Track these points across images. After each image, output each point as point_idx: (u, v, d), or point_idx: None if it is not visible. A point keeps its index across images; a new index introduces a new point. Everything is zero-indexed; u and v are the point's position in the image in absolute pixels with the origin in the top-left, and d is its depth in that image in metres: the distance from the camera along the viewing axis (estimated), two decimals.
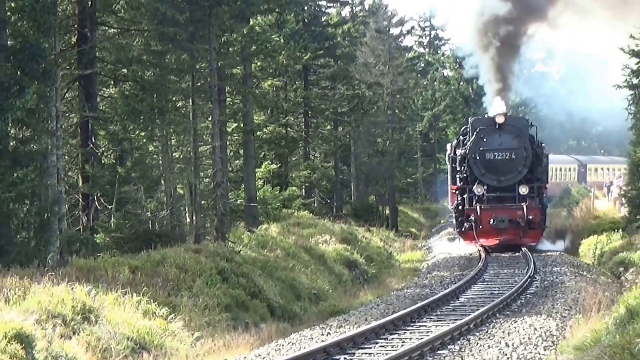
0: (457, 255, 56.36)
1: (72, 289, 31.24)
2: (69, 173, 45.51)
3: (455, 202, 59.02)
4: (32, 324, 27.63)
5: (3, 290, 30.58)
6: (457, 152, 57.51)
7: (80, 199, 47.75)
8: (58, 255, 39.26)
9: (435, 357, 27.71)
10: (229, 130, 56.60)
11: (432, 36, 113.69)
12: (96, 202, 48.52)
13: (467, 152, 52.43)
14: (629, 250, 45.82)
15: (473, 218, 50.78)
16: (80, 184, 47.95)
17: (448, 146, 74.14)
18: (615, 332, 20.87)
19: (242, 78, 56.83)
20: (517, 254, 56.19)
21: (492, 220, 50.35)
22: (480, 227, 50.82)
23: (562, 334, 28.75)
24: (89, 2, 45.45)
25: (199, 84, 51.31)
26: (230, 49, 52.87)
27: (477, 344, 29.57)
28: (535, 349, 27.63)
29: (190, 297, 35.43)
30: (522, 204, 49.37)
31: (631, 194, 64.08)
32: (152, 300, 33.21)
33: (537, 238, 52.72)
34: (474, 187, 51.13)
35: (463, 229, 54.91)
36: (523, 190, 49.15)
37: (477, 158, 50.24)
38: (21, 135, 41.71)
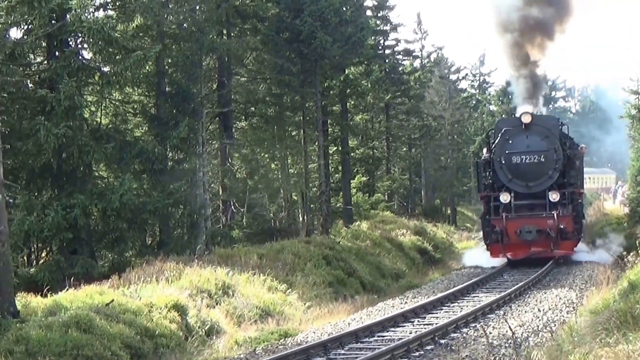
0: (489, 266, 43.37)
1: (215, 270, 31.73)
2: (212, 185, 45.50)
3: (483, 211, 45.57)
4: (185, 297, 27.94)
5: (164, 272, 30.97)
6: (481, 157, 44.88)
7: (220, 204, 47.80)
8: (204, 246, 39.34)
9: (486, 319, 27.85)
10: (331, 152, 56.46)
11: (481, 80, 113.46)
12: (232, 207, 48.60)
13: (492, 155, 39.94)
14: (631, 239, 45.09)
15: (498, 229, 38.43)
16: (220, 193, 47.93)
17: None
18: (620, 300, 20.77)
19: (340, 113, 56.67)
20: None
21: (518, 231, 38.07)
22: (507, 238, 38.45)
23: (580, 302, 29.21)
24: (226, 58, 45.38)
25: (308, 118, 51.23)
26: (331, 91, 52.86)
27: (517, 309, 30.06)
28: (560, 312, 28.17)
29: (303, 276, 35.61)
30: (553, 212, 36.66)
31: (632, 197, 63.78)
32: (274, 279, 33.61)
33: (570, 249, 39.43)
34: (500, 194, 38.56)
35: (489, 241, 41.60)
36: (554, 196, 36.50)
37: (503, 162, 38.36)
38: (177, 157, 41.84)
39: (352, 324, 27.28)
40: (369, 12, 55.95)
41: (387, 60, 64.08)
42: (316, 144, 51.73)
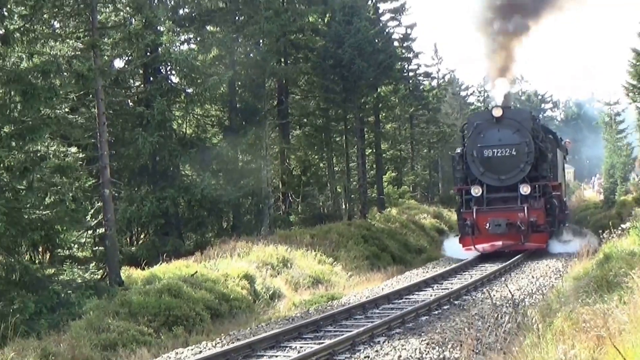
0: (464, 258, 36.51)
1: (276, 248, 31.92)
2: (274, 180, 45.47)
3: (458, 204, 39.00)
4: (253, 269, 28.09)
5: (237, 249, 31.24)
6: (456, 151, 38.62)
7: (280, 195, 47.79)
8: (268, 228, 39.32)
9: (490, 284, 27.39)
10: (367, 153, 56.16)
11: (485, 95, 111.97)
12: (289, 197, 48.64)
13: (465, 149, 34.43)
14: (605, 219, 44.68)
15: (469, 222, 32.89)
16: (280, 186, 47.93)
17: None
18: (597, 269, 20.53)
19: (374, 123, 56.46)
20: None
21: (488, 224, 32.58)
22: (478, 231, 32.97)
23: (566, 270, 28.86)
24: (283, 80, 45.44)
25: (348, 127, 51.01)
26: (366, 105, 52.48)
27: (515, 276, 29.50)
28: (550, 279, 27.85)
29: (345, 251, 35.57)
30: (524, 205, 31.55)
31: (605, 187, 63.52)
32: (323, 254, 33.73)
33: (542, 242, 33.21)
34: (471, 187, 33.03)
35: (460, 234, 35.78)
36: (525, 189, 31.33)
37: (475, 155, 32.65)
38: (245, 159, 41.87)
39: (384, 289, 27.21)
40: (396, 43, 55.64)
41: (410, 81, 63.67)
42: (355, 147, 51.58)
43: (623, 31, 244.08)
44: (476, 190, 32.23)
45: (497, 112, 31.59)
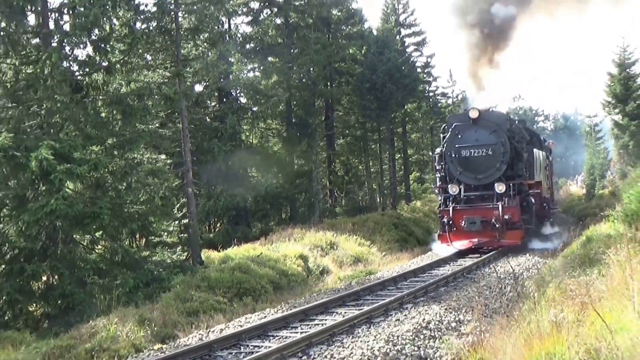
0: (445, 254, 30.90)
1: (325, 233, 32.00)
2: (322, 179, 45.35)
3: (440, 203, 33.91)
4: (306, 250, 28.18)
5: (293, 235, 31.56)
6: (436, 151, 33.40)
7: (327, 192, 47.70)
8: (318, 218, 39.17)
9: (496, 262, 26.12)
10: (396, 157, 55.96)
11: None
12: (335, 193, 48.54)
13: (444, 149, 30.17)
14: (587, 209, 44.13)
15: (446, 219, 28.67)
16: (327, 184, 47.83)
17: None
18: (581, 248, 20.30)
19: (402, 133, 56.30)
20: None
21: (463, 222, 28.44)
22: (455, 229, 28.66)
23: (558, 252, 27.75)
24: (329, 100, 45.37)
25: (382, 137, 50.87)
26: (395, 119, 52.35)
27: (516, 255, 27.83)
28: (543, 257, 26.65)
29: (380, 236, 35.44)
30: (499, 203, 27.53)
31: (587, 183, 63.08)
32: (362, 238, 33.58)
33: (517, 239, 28.55)
34: (449, 186, 29.11)
35: (439, 231, 30.48)
36: (500, 188, 27.43)
37: (454, 155, 28.94)
38: (300, 162, 41.82)
39: (411, 265, 26.98)
40: (418, 69, 55.38)
41: (430, 99, 63.28)
42: (387, 152, 51.44)
43: (602, 54, 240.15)
44: (454, 189, 27.72)
45: (474, 114, 27.35)
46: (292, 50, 40.02)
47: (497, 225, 26.21)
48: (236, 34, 38.49)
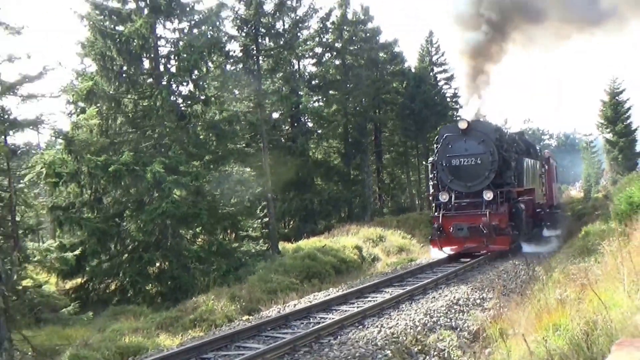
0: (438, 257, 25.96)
1: (375, 229, 31.61)
2: (373, 186, 45.09)
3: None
4: (361, 242, 28.05)
5: (350, 230, 31.47)
6: (429, 161, 28.01)
7: (377, 196, 47.43)
8: (369, 217, 38.92)
9: (513, 252, 23.98)
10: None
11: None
12: (382, 197, 48.27)
13: (436, 159, 25.12)
14: (584, 209, 43.14)
15: (436, 226, 23.80)
16: (377, 190, 47.59)
17: None
18: (580, 240, 19.88)
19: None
20: None
21: (451, 228, 23.55)
22: (445, 235, 23.78)
23: (563, 242, 26.77)
24: (378, 124, 45.23)
25: (419, 152, 50.50)
26: (430, 139, 51.84)
27: (529, 247, 25.98)
28: (553, 247, 25.55)
29: (419, 231, 34.75)
30: (486, 210, 23.00)
31: (584, 188, 62.11)
32: (405, 232, 32.98)
33: (505, 244, 23.58)
34: (439, 194, 24.31)
35: (431, 237, 25.16)
36: (488, 195, 23.02)
37: (445, 165, 24.19)
38: (355, 173, 41.60)
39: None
40: (448, 98, 54.78)
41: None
42: (424, 164, 51.17)
43: (597, 80, 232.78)
44: (444, 197, 23.05)
45: (463, 125, 23.07)
46: (347, 85, 39.98)
47: (484, 231, 21.46)
48: (304, 72, 38.65)
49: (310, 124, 38.91)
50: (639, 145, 51.74)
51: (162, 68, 23.14)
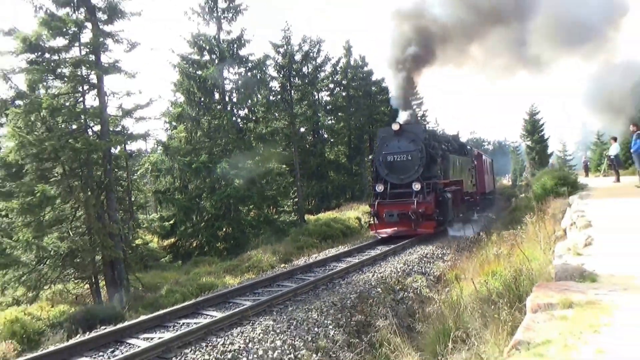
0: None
1: (368, 206, 30.40)
2: (368, 177, 44.44)
3: None
4: (360, 214, 26.80)
5: (353, 207, 30.17)
6: (370, 157, 26.65)
7: (371, 183, 46.68)
8: (365, 198, 38.23)
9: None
10: None
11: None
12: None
13: (375, 155, 20.83)
14: (512, 194, 42.22)
15: (372, 212, 19.42)
16: (370, 180, 46.90)
17: None
18: (510, 214, 19.52)
19: None
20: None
21: (384, 214, 19.00)
22: (381, 220, 19.15)
23: (487, 225, 23.26)
24: (371, 134, 44.69)
25: None
26: None
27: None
28: (472, 232, 22.10)
29: None
30: (415, 199, 18.46)
31: (512, 179, 61.03)
32: None
33: (430, 228, 18.47)
34: (376, 185, 19.99)
35: (369, 222, 21.48)
36: (416, 186, 18.69)
37: (381, 160, 19.88)
38: (355, 168, 41.09)
39: None
40: (419, 117, 53.97)
41: None
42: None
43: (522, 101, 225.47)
44: (380, 187, 19.04)
45: (395, 127, 19.26)
46: (350, 109, 39.75)
47: (412, 217, 17.86)
48: (321, 101, 38.47)
49: (325, 135, 38.79)
50: (549, 149, 52.12)
51: (227, 99, 23.22)
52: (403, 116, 21.78)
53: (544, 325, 3.39)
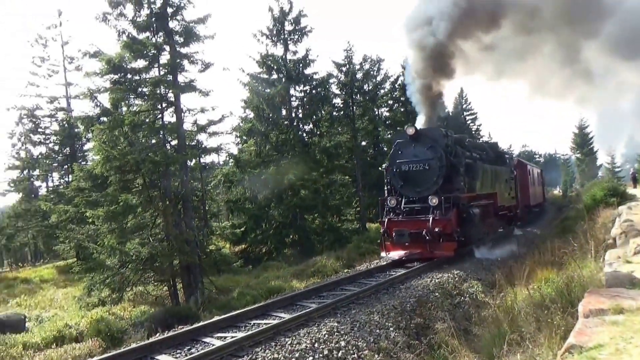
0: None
1: None
2: None
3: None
4: None
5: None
6: (383, 166, 15.93)
7: None
8: None
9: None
10: None
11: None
12: None
13: (388, 164, 14.77)
14: (563, 203, 39.67)
15: (382, 230, 13.73)
16: None
17: None
18: (561, 224, 18.48)
19: None
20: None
21: (394, 233, 13.28)
22: (392, 239, 13.43)
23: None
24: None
25: None
26: None
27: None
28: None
29: None
30: (431, 215, 12.85)
31: (562, 189, 58.09)
32: None
33: (450, 250, 12.69)
34: (387, 198, 14.00)
35: (380, 240, 14.58)
36: (433, 201, 13.05)
37: (396, 170, 14.16)
38: None
39: None
40: (473, 131, 52.06)
41: None
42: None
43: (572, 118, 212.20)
44: (392, 202, 14.21)
45: (410, 131, 14.52)
46: (408, 123, 38.84)
47: (427, 237, 13.09)
48: (381, 116, 37.49)
49: (385, 149, 37.91)
50: (598, 161, 53.92)
51: (293, 115, 23.16)
52: (420, 120, 16.66)
53: (595, 329, 3.39)
